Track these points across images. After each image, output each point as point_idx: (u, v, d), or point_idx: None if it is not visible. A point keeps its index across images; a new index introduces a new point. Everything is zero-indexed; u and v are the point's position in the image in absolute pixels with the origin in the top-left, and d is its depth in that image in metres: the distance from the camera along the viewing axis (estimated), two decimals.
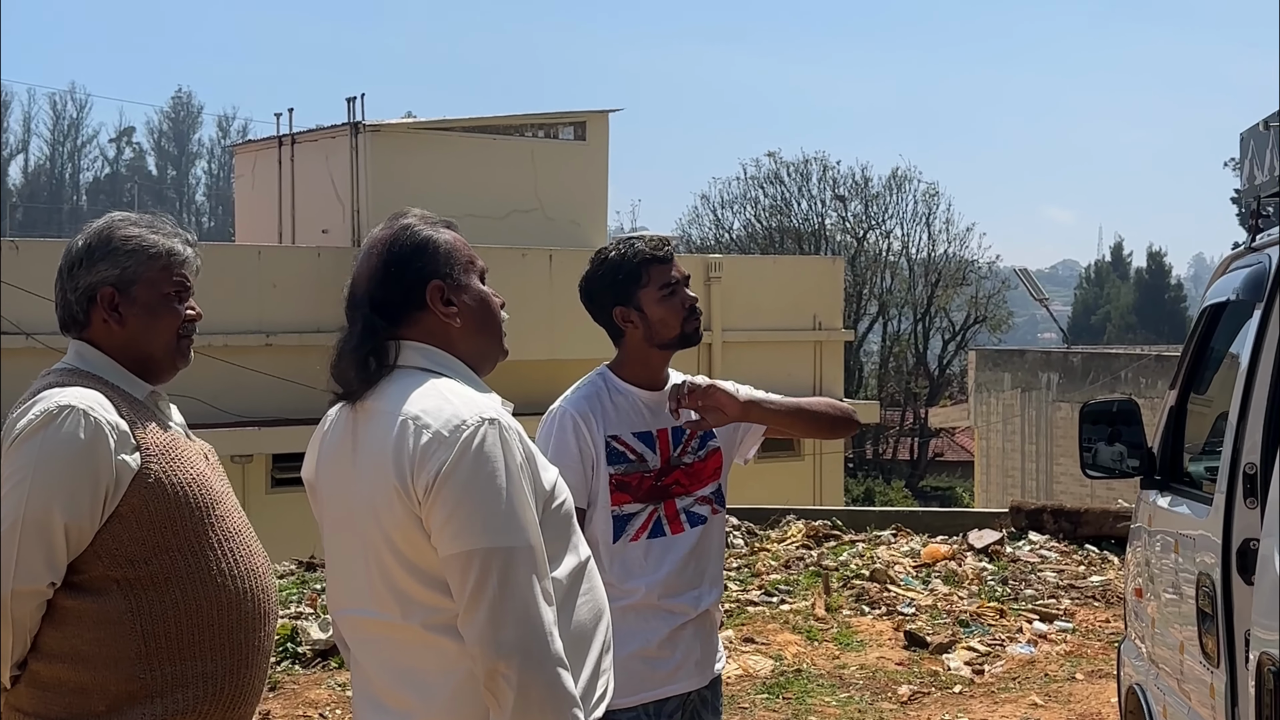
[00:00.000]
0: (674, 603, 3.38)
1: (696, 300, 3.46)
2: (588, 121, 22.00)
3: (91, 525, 2.59)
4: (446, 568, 2.34)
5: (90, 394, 2.64)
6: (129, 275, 2.74)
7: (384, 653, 2.46)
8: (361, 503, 2.44)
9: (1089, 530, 10.82)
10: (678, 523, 3.42)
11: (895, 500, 34.32)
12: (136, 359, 2.78)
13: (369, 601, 2.46)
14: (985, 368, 28.40)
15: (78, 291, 2.76)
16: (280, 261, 18.77)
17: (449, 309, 2.53)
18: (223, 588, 2.71)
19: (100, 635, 2.61)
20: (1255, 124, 3.90)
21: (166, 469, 2.67)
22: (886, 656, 7.88)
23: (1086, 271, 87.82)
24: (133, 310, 2.75)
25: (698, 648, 3.45)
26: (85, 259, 2.76)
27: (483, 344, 2.59)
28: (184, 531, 2.67)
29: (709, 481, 3.49)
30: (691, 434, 3.45)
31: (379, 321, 2.49)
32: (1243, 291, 3.89)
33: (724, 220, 42.59)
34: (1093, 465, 4.57)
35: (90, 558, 2.61)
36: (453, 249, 2.57)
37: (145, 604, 2.63)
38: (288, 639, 7.98)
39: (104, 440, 2.58)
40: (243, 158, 23.66)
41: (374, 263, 2.54)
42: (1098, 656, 7.81)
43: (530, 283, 18.02)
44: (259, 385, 17.26)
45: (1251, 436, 3.45)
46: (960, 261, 41.86)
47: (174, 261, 2.79)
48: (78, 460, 2.57)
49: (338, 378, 2.52)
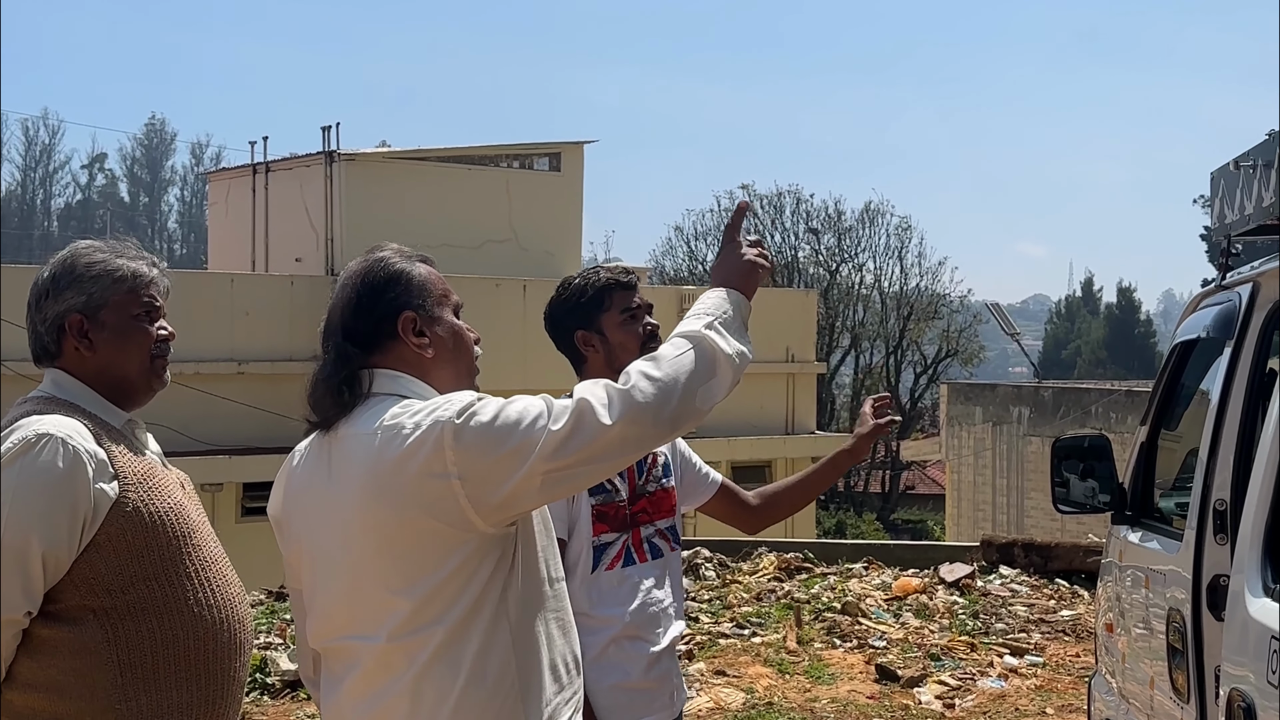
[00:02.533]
0: (648, 632, 3.38)
1: (658, 327, 3.47)
2: (562, 152, 22.06)
3: (69, 554, 2.56)
4: (527, 451, 2.31)
5: (69, 422, 2.62)
6: (95, 301, 2.73)
7: (371, 677, 2.44)
8: (346, 527, 2.43)
9: (1060, 564, 10.85)
10: (642, 551, 3.43)
11: (867, 533, 34.33)
12: (112, 384, 2.76)
13: (354, 627, 2.45)
14: (957, 401, 28.48)
15: (46, 323, 2.75)
16: (253, 289, 18.72)
17: (421, 339, 2.54)
18: (199, 617, 2.69)
19: (77, 665, 2.58)
20: (1226, 163, 3.94)
21: (144, 497, 2.65)
22: (858, 690, 7.87)
23: (1057, 306, 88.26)
24: (102, 335, 2.74)
25: (670, 678, 3.46)
26: (52, 289, 2.75)
27: (456, 375, 2.60)
28: (161, 560, 2.65)
29: (666, 515, 3.50)
30: (652, 463, 3.47)
31: (352, 350, 2.50)
32: (1213, 329, 3.92)
33: (698, 252, 42.74)
34: (1064, 500, 4.59)
35: (67, 587, 2.58)
36: (426, 282, 2.59)
37: (122, 633, 2.60)
38: (257, 669, 7.93)
39: (82, 468, 2.56)
40: (216, 185, 23.64)
41: (348, 293, 2.55)
42: (1068, 691, 7.81)
43: (504, 313, 18.03)
44: (230, 413, 17.19)
45: (1221, 473, 3.47)
46: (932, 295, 42.09)
47: (140, 283, 2.78)
48: (56, 488, 2.54)
49: (314, 406, 2.53)
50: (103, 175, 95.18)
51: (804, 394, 23.95)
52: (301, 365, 17.93)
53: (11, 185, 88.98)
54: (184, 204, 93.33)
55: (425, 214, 19.52)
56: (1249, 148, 3.72)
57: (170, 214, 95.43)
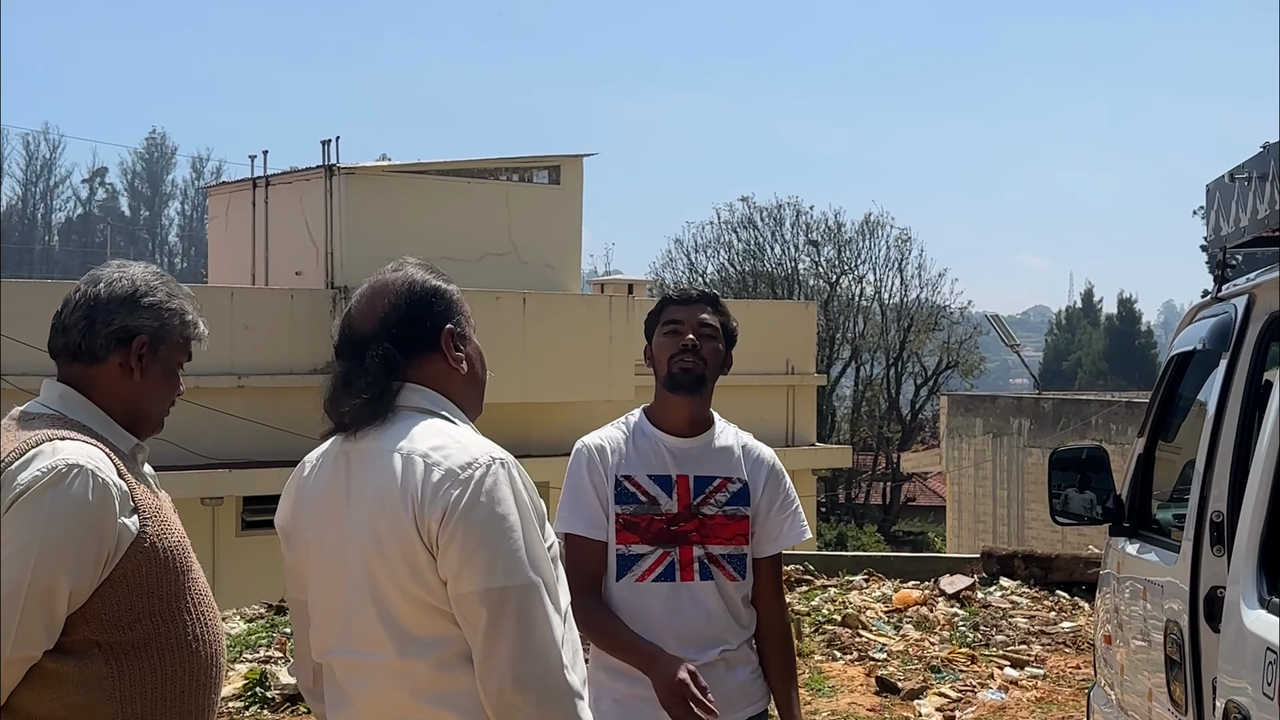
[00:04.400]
0: (683, 650, 3.32)
1: (694, 343, 3.43)
2: (562, 165, 22.07)
3: (90, 590, 2.52)
4: (462, 604, 2.36)
5: (95, 452, 2.57)
6: (164, 332, 2.75)
7: (380, 693, 2.45)
8: (359, 542, 2.45)
9: (1060, 576, 10.85)
10: (689, 571, 3.41)
11: (867, 545, 34.27)
12: (132, 412, 2.74)
13: (363, 642, 2.46)
14: (957, 413, 28.49)
15: (110, 327, 2.71)
16: (253, 303, 18.72)
17: (458, 354, 2.59)
18: (194, 653, 2.67)
19: (80, 700, 2.54)
20: (1221, 176, 3.95)
21: (159, 531, 2.62)
22: (858, 702, 7.86)
23: (1058, 318, 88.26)
24: (155, 365, 2.75)
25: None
26: (130, 299, 2.73)
27: (474, 395, 2.65)
28: (165, 596, 2.62)
29: (727, 543, 3.45)
30: (719, 486, 3.46)
31: (399, 357, 2.52)
32: (1209, 341, 3.94)
33: (698, 264, 42.77)
34: (1062, 512, 4.59)
35: (78, 621, 2.54)
36: (460, 300, 2.66)
37: (125, 669, 2.57)
38: (256, 683, 7.92)
39: (110, 503, 2.52)
40: (216, 199, 23.65)
41: (392, 301, 2.57)
42: (1068, 703, 7.81)
43: (504, 326, 18.03)
44: (230, 427, 17.18)
45: (1218, 484, 3.48)
46: (932, 307, 42.08)
47: (196, 334, 2.86)
48: (87, 525, 2.50)
49: (338, 412, 2.53)
50: (103, 190, 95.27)
51: (804, 406, 23.95)
52: (301, 379, 17.98)
53: (12, 200, 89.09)
54: (184, 218, 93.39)
55: (425, 227, 19.52)
56: (1243, 160, 3.73)
57: (171, 228, 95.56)
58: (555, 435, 19.22)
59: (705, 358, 3.45)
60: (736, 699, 3.45)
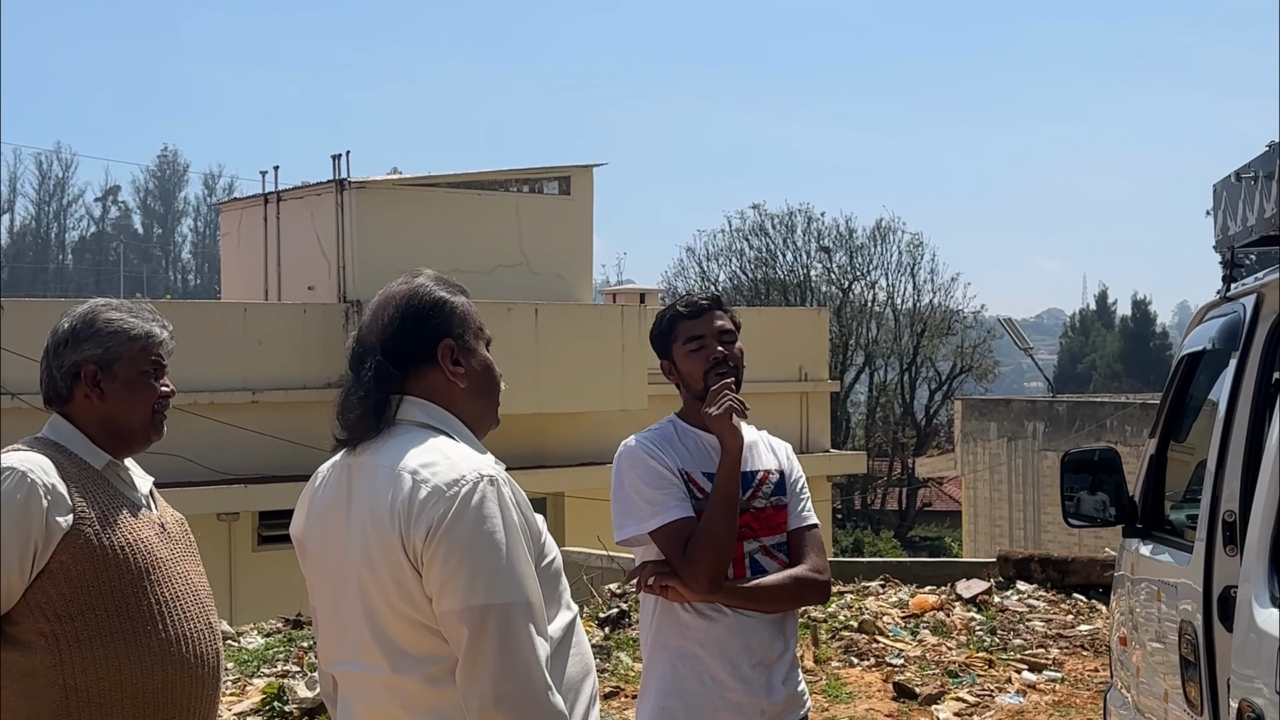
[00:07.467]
0: (728, 644, 3.43)
1: (725, 354, 3.53)
2: (572, 176, 22.09)
3: (21, 580, 2.75)
4: (445, 622, 2.37)
5: (36, 458, 2.83)
6: (111, 354, 2.98)
7: (377, 707, 2.47)
8: (355, 556, 2.47)
9: (1077, 579, 10.81)
10: (741, 566, 3.46)
11: (884, 550, 34.25)
12: (114, 431, 2.98)
13: (360, 655, 2.48)
14: (971, 417, 28.45)
15: (63, 369, 2.98)
16: (266, 318, 18.78)
17: (456, 369, 2.59)
18: (147, 649, 2.83)
19: (24, 687, 2.76)
20: (1227, 175, 3.95)
21: (100, 531, 2.83)
22: (876, 708, 7.86)
23: (1072, 320, 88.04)
24: (113, 386, 2.97)
25: (759, 690, 3.46)
26: (70, 340, 2.99)
27: (482, 409, 2.64)
28: (114, 592, 2.81)
29: (773, 532, 3.53)
30: (763, 479, 3.53)
31: (393, 370, 2.54)
32: (1219, 340, 3.94)
33: (709, 272, 42.80)
34: (1075, 514, 4.59)
35: (23, 610, 2.77)
36: (466, 313, 2.65)
37: (69, 659, 2.77)
38: (274, 698, 7.93)
39: (37, 500, 2.76)
40: (228, 215, 23.72)
41: (390, 314, 2.59)
42: (1086, 706, 7.79)
43: (516, 337, 18.05)
44: (245, 442, 17.22)
45: (1230, 484, 3.48)
46: (945, 311, 42.03)
47: (151, 343, 3.03)
48: (10, 517, 2.74)
49: (343, 425, 2.56)
50: (116, 208, 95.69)
51: (818, 412, 23.92)
52: (316, 393, 18.01)
53: (26, 220, 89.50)
54: (197, 234, 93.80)
55: (436, 240, 19.56)
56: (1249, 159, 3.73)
57: (184, 245, 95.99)
58: (569, 446, 19.24)
59: (737, 364, 3.57)
60: (793, 708, 3.55)
